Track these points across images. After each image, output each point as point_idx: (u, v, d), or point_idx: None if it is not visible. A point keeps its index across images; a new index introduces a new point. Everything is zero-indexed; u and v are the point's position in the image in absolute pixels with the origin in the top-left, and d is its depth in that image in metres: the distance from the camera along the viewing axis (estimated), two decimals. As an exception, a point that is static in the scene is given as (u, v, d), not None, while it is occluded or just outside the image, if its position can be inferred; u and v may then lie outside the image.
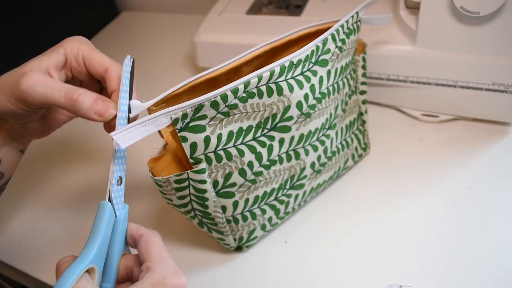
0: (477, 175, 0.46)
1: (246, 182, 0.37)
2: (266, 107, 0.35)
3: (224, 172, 0.35)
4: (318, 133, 0.40)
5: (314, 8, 0.59)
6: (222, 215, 0.37)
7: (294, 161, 0.39)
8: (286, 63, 0.34)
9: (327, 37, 0.37)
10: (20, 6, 0.68)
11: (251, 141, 0.36)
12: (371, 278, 0.39)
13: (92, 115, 0.32)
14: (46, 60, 0.33)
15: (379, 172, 0.48)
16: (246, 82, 0.32)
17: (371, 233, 0.42)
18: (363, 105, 0.47)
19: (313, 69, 0.37)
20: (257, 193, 0.39)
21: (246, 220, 0.39)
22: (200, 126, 0.32)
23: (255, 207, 0.39)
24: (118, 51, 0.78)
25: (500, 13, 0.42)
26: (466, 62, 0.46)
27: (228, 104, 0.32)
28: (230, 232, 0.39)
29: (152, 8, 0.89)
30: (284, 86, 0.35)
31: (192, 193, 0.35)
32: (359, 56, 0.43)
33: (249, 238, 0.41)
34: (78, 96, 0.31)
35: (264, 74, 0.33)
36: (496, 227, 0.41)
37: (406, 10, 0.50)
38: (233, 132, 0.34)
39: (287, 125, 0.37)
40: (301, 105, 0.36)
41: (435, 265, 0.39)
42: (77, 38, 0.36)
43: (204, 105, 0.31)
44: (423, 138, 0.51)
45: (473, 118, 0.52)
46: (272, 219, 0.42)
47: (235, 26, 0.59)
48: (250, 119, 0.35)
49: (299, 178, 0.41)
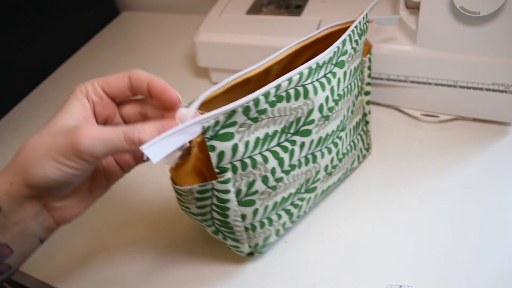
0: (477, 175, 0.46)
1: (268, 189, 0.36)
2: (292, 111, 0.34)
3: (248, 180, 0.34)
4: (333, 136, 0.40)
5: (314, 8, 0.59)
6: (241, 223, 0.36)
7: (311, 165, 0.39)
8: (313, 65, 0.34)
9: (346, 38, 0.37)
10: (20, 6, 0.68)
11: (275, 146, 0.35)
12: (371, 278, 0.39)
13: None
14: (77, 112, 0.31)
15: (379, 172, 0.48)
16: (277, 85, 0.32)
17: (371, 233, 0.42)
18: (367, 105, 0.47)
19: (333, 70, 0.37)
20: (276, 199, 0.38)
21: (263, 226, 0.38)
22: (229, 133, 0.31)
23: (273, 213, 0.38)
24: (118, 51, 0.78)
25: (500, 13, 0.42)
26: (466, 62, 0.46)
27: (258, 109, 0.32)
28: (247, 240, 0.38)
29: (152, 8, 0.89)
30: (310, 89, 0.34)
31: (214, 203, 0.34)
32: (365, 56, 0.44)
33: (263, 244, 0.40)
34: (138, 135, 0.28)
35: (294, 77, 0.33)
36: (496, 227, 0.41)
37: (406, 10, 0.50)
38: (259, 138, 0.33)
39: (308, 128, 0.36)
40: (322, 108, 0.36)
41: (435, 265, 0.39)
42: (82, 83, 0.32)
43: (237, 111, 0.30)
44: (423, 138, 0.51)
45: (473, 118, 0.52)
46: (286, 224, 0.41)
47: (235, 26, 0.59)
48: (276, 124, 0.34)
49: (313, 181, 0.40)
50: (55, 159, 0.28)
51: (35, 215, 0.31)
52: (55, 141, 0.28)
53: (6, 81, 0.68)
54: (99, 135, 0.28)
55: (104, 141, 0.28)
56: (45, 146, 0.28)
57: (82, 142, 0.28)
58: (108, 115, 0.33)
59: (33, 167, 0.28)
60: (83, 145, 0.28)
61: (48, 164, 0.28)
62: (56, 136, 0.29)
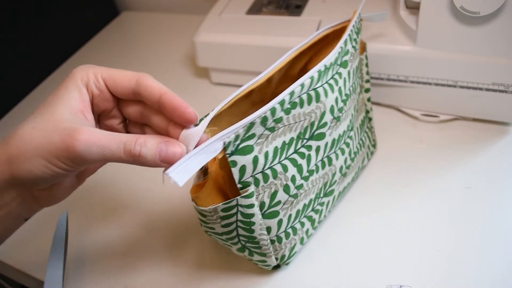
0: (477, 175, 0.46)
1: (290, 198, 0.36)
2: (306, 116, 0.34)
3: (270, 192, 0.34)
4: (344, 136, 0.40)
5: (314, 8, 0.59)
6: (267, 236, 0.36)
7: (327, 168, 0.39)
8: (322, 68, 0.34)
9: (347, 38, 0.37)
10: (20, 6, 0.68)
11: (293, 154, 0.35)
12: (371, 278, 0.39)
13: (159, 165, 0.28)
14: (74, 104, 0.29)
15: (379, 172, 0.48)
16: (291, 92, 0.32)
17: (371, 233, 0.42)
18: (368, 102, 0.47)
19: (339, 71, 0.37)
20: (298, 207, 0.37)
21: (288, 237, 0.38)
22: (249, 146, 0.31)
23: (296, 222, 0.38)
24: (118, 51, 0.78)
25: (500, 13, 0.42)
26: (466, 62, 0.46)
27: (275, 118, 0.31)
28: (273, 253, 0.38)
29: (152, 8, 0.89)
30: (321, 92, 0.34)
31: (239, 219, 0.33)
32: (362, 54, 0.44)
33: (290, 255, 0.39)
34: (140, 150, 0.27)
35: (305, 82, 0.33)
36: (496, 227, 0.41)
37: (406, 10, 0.50)
38: (277, 148, 0.33)
39: (322, 132, 0.36)
40: (333, 109, 0.36)
41: (435, 265, 0.39)
42: (85, 66, 0.31)
43: (255, 123, 0.30)
44: (423, 138, 0.51)
45: (473, 118, 0.52)
46: (309, 231, 0.41)
47: (235, 26, 0.59)
48: (292, 131, 0.34)
49: (331, 184, 0.40)
50: (46, 159, 0.27)
51: (21, 200, 0.31)
52: (49, 141, 0.27)
53: (6, 81, 0.68)
54: (97, 142, 0.27)
55: (102, 149, 0.27)
56: (39, 144, 0.27)
57: (79, 147, 0.26)
58: (105, 108, 0.32)
59: (23, 162, 0.28)
60: (79, 151, 0.26)
61: (38, 163, 0.27)
62: (51, 134, 0.27)
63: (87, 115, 0.30)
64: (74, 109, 0.29)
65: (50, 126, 0.28)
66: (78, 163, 0.27)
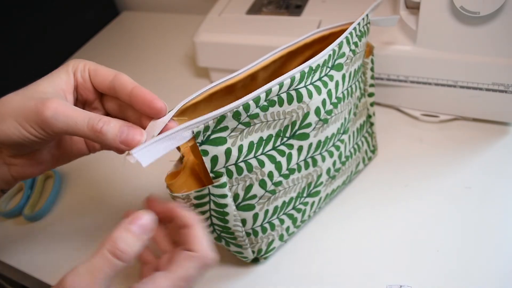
0: (477, 175, 0.46)
1: (266, 193, 0.36)
2: (286, 114, 0.34)
3: (245, 185, 0.34)
4: (334, 139, 0.39)
5: (314, 8, 0.59)
6: (242, 228, 0.36)
7: (311, 169, 0.39)
8: (306, 69, 0.34)
9: (342, 41, 0.37)
10: (20, 6, 0.68)
11: (271, 150, 0.35)
12: (371, 278, 0.39)
13: (118, 145, 0.29)
14: (59, 83, 0.31)
15: (379, 172, 0.48)
16: (267, 90, 0.32)
17: (370, 233, 0.42)
18: (371, 107, 0.47)
19: (329, 73, 0.37)
20: (276, 203, 0.38)
21: (265, 232, 0.38)
22: (221, 138, 0.31)
23: (274, 218, 0.38)
24: (118, 51, 0.78)
25: (500, 13, 0.42)
26: (466, 62, 0.46)
27: (250, 114, 0.32)
28: (249, 245, 0.38)
29: (152, 8, 0.89)
30: (303, 93, 0.34)
31: (213, 208, 0.34)
32: (367, 58, 0.43)
33: (267, 250, 0.40)
34: (102, 126, 0.29)
35: (285, 81, 0.32)
36: (496, 227, 0.41)
37: (406, 10, 0.50)
38: (253, 142, 0.33)
39: (305, 132, 0.36)
40: (319, 111, 0.36)
41: (435, 265, 0.39)
42: (81, 59, 0.34)
43: (226, 116, 0.30)
44: (423, 138, 0.51)
45: (473, 118, 0.52)
46: (290, 229, 0.41)
47: (235, 26, 0.59)
48: (270, 128, 0.34)
49: (315, 185, 0.40)
50: (18, 121, 0.29)
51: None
52: (24, 104, 0.29)
53: (6, 81, 0.68)
54: (65, 112, 0.29)
55: (68, 119, 0.28)
56: (15, 106, 0.29)
57: (46, 113, 0.28)
58: (87, 99, 0.34)
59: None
60: (46, 116, 0.28)
61: (11, 124, 0.29)
62: (28, 99, 0.29)
63: (67, 95, 0.32)
64: (57, 87, 0.31)
65: (31, 93, 0.30)
66: (45, 129, 0.29)
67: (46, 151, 0.35)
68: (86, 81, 0.33)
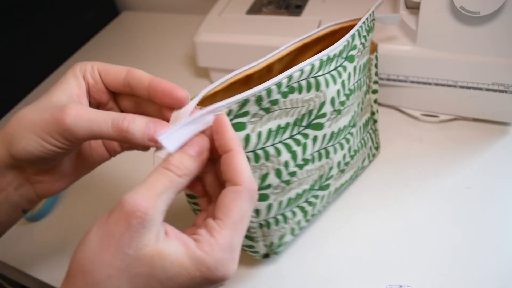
0: (477, 175, 0.46)
1: (281, 183, 0.36)
2: (304, 103, 0.34)
3: (261, 173, 0.34)
4: (345, 131, 0.40)
5: (314, 8, 0.59)
6: (256, 219, 0.36)
7: (324, 160, 0.39)
8: (324, 58, 0.34)
9: (355, 33, 0.37)
10: (20, 6, 0.68)
11: (288, 139, 0.35)
12: (371, 278, 0.39)
13: (147, 143, 0.28)
14: (71, 89, 0.30)
15: (379, 172, 0.48)
16: (289, 75, 0.32)
17: (370, 233, 0.42)
18: (375, 104, 0.47)
19: (343, 64, 0.37)
20: (290, 195, 0.37)
21: (278, 224, 0.38)
22: (242, 123, 0.31)
23: (287, 210, 0.38)
24: (118, 51, 0.78)
25: (500, 13, 0.42)
26: (466, 62, 0.46)
27: (271, 100, 0.32)
28: (262, 238, 0.38)
29: (152, 8, 0.89)
30: (321, 81, 0.34)
31: None
32: (372, 54, 0.44)
33: (279, 244, 0.39)
34: (128, 125, 0.27)
35: (305, 68, 0.33)
36: (496, 227, 0.41)
37: (406, 10, 0.50)
38: (271, 130, 0.33)
39: (320, 122, 0.36)
40: (334, 101, 0.36)
41: (435, 265, 0.39)
42: (86, 61, 0.33)
43: (249, 101, 0.30)
44: (423, 138, 0.51)
45: (473, 118, 0.52)
46: (301, 222, 0.40)
47: (235, 26, 0.59)
48: (288, 115, 0.34)
49: (327, 178, 0.40)
50: (39, 135, 0.28)
51: (17, 186, 0.31)
52: (41, 117, 0.28)
53: (6, 81, 0.68)
54: (85, 116, 0.27)
55: (90, 123, 0.27)
56: (32, 120, 0.28)
57: (67, 120, 0.27)
58: (100, 100, 0.32)
59: (17, 140, 0.28)
60: (68, 124, 0.27)
61: (31, 140, 0.28)
62: (44, 111, 0.28)
63: (82, 99, 0.31)
64: (70, 93, 0.30)
65: (45, 106, 0.29)
66: (68, 137, 0.28)
67: (68, 163, 0.33)
68: (97, 82, 0.31)
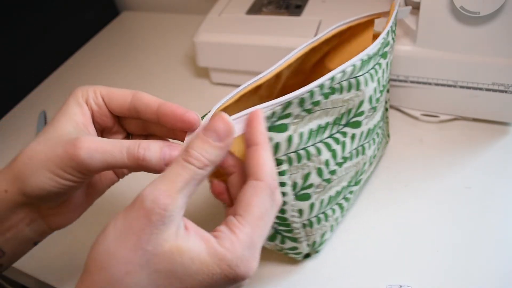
0: (477, 175, 0.46)
1: (323, 182, 0.36)
2: (344, 102, 0.34)
3: (303, 173, 0.34)
4: (377, 126, 0.40)
5: (314, 8, 0.59)
6: (299, 219, 0.36)
7: (360, 157, 0.39)
8: (365, 57, 0.34)
9: (389, 29, 0.37)
10: (20, 6, 0.68)
11: (328, 138, 0.35)
12: (371, 278, 0.39)
13: (163, 168, 0.27)
14: (76, 118, 0.29)
15: (379, 172, 0.48)
16: (331, 77, 0.32)
17: (370, 232, 0.42)
18: (387, 93, 0.46)
19: (379, 61, 0.37)
20: (330, 193, 0.38)
21: (320, 222, 0.38)
22: (284, 125, 0.31)
23: (328, 208, 0.38)
24: (118, 51, 0.78)
25: (500, 13, 0.42)
26: (466, 62, 0.46)
27: (313, 101, 0.32)
28: (305, 238, 0.38)
29: (152, 8, 0.89)
30: (361, 80, 0.35)
31: None
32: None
33: (321, 242, 0.39)
34: (144, 153, 0.27)
35: (347, 69, 0.33)
36: (496, 227, 0.41)
37: (406, 10, 0.50)
38: (312, 130, 0.33)
39: (358, 120, 0.37)
40: (371, 99, 0.37)
41: (435, 265, 0.39)
42: (86, 86, 0.31)
43: (292, 103, 0.30)
44: (423, 138, 0.51)
45: (473, 118, 0.52)
46: (338, 219, 0.41)
47: (235, 26, 0.59)
48: (328, 115, 0.34)
49: (361, 173, 0.41)
50: (52, 171, 0.27)
51: (29, 222, 0.31)
52: (53, 152, 0.27)
53: (7, 81, 0.68)
54: (99, 148, 0.27)
55: (104, 155, 0.27)
56: (43, 156, 0.27)
57: (81, 155, 0.26)
58: (105, 126, 0.32)
59: (30, 177, 0.28)
60: (82, 159, 0.27)
61: (44, 176, 0.27)
62: (54, 146, 0.28)
63: (89, 127, 0.30)
64: (76, 123, 0.29)
65: (53, 139, 0.28)
66: (82, 171, 0.27)
67: (80, 193, 0.33)
68: (101, 108, 0.31)
